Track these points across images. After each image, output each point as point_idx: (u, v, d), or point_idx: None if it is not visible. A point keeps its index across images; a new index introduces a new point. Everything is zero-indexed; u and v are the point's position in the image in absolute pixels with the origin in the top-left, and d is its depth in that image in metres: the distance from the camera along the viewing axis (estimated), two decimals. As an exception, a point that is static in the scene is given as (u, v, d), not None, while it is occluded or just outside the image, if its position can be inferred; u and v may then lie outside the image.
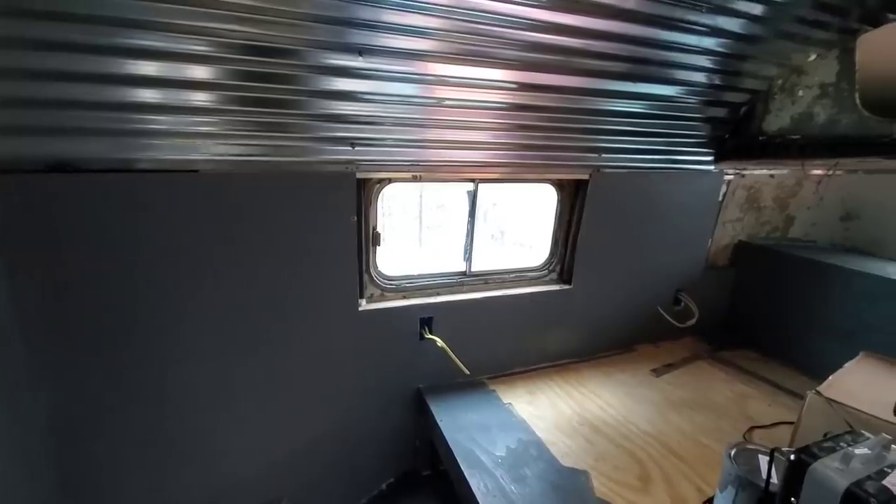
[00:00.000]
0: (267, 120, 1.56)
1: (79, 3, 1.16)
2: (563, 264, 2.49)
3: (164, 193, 1.52)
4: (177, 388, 1.71)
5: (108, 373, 1.59)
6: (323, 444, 2.05)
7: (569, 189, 2.35)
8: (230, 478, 1.90)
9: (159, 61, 1.32)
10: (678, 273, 2.79)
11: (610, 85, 1.97)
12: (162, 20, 1.25)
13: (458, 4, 1.49)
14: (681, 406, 2.18)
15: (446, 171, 1.98)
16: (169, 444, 1.75)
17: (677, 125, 2.30)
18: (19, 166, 1.33)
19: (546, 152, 2.10)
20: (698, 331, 2.87)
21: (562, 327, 2.50)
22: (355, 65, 1.53)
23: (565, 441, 1.90)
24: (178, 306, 1.63)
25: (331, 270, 1.85)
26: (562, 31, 1.68)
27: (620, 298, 2.63)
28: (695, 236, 2.79)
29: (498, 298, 2.28)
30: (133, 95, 1.36)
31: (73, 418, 1.57)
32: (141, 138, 1.44)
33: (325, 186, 1.75)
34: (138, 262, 1.54)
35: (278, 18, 1.35)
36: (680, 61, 1.99)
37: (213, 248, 1.63)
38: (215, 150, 1.54)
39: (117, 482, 1.71)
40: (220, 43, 1.35)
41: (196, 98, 1.44)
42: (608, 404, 2.17)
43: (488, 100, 1.82)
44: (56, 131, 1.34)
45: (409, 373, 2.16)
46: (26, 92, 1.25)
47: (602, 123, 2.11)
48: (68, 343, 1.51)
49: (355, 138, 1.72)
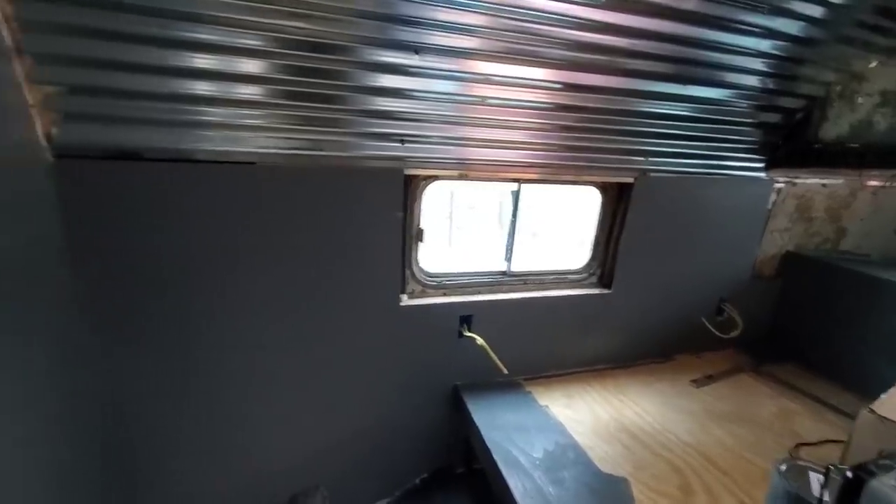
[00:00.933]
0: (319, 115, 1.59)
1: None
2: (603, 268, 2.45)
3: (219, 184, 1.56)
4: (223, 374, 1.76)
5: (159, 357, 1.65)
6: (360, 436, 2.09)
7: (613, 192, 2.32)
8: (270, 464, 1.96)
9: (214, 55, 1.37)
10: (722, 282, 2.71)
11: (658, 87, 1.94)
12: (219, 14, 1.30)
13: (511, 3, 1.50)
14: (722, 419, 2.12)
15: (491, 170, 1.99)
16: (213, 428, 1.81)
17: (727, 130, 2.25)
18: (87, 152, 1.39)
19: (591, 154, 2.08)
20: (741, 343, 2.77)
21: (600, 332, 2.47)
22: (410, 63, 1.56)
23: (603, 447, 1.87)
24: (228, 295, 1.68)
25: (375, 265, 1.88)
26: (611, 30, 1.67)
27: (662, 306, 2.58)
28: (741, 245, 2.71)
29: (537, 299, 2.27)
30: (190, 87, 1.41)
31: (123, 399, 1.64)
32: (197, 129, 1.49)
33: (374, 182, 1.78)
34: (192, 250, 1.59)
35: (333, 15, 1.39)
36: (733, 64, 1.95)
37: (264, 239, 1.68)
38: (268, 143, 1.59)
39: (161, 463, 1.77)
40: (275, 38, 1.40)
41: (249, 92, 1.48)
42: (647, 413, 2.13)
43: (533, 99, 1.82)
44: (121, 120, 1.40)
45: (446, 369, 2.17)
46: (94, 80, 1.31)
47: (649, 126, 2.08)
48: (124, 327, 1.57)
49: (405, 135, 1.74)
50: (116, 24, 1.25)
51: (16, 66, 1.20)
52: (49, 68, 1.25)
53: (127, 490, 1.73)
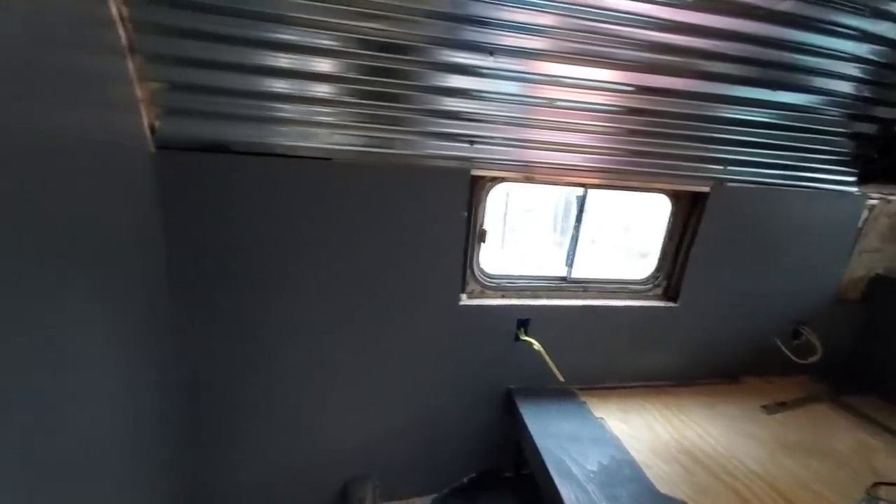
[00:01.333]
0: (390, 114, 1.64)
1: None
2: (670, 280, 2.35)
3: (295, 177, 1.65)
4: (291, 358, 1.85)
5: (234, 337, 1.76)
6: (411, 430, 2.12)
7: (685, 201, 2.22)
8: (327, 448, 2.03)
9: (294, 54, 1.45)
10: (801, 303, 2.52)
11: (741, 91, 1.84)
12: (301, 15, 1.38)
13: (585, 3, 1.48)
14: (794, 449, 1.97)
15: (556, 173, 1.96)
16: (279, 412, 1.91)
17: (816, 139, 2.09)
18: (182, 144, 1.51)
19: (663, 160, 1.99)
20: (818, 370, 2.57)
21: (662, 347, 2.36)
22: (481, 63, 1.58)
23: (661, 466, 1.79)
24: (299, 283, 1.77)
25: (437, 262, 1.91)
26: (691, 31, 1.61)
27: (732, 324, 2.43)
28: (825, 264, 2.50)
29: (597, 308, 2.21)
30: (273, 85, 1.50)
31: (201, 377, 1.77)
32: (276, 125, 1.58)
33: (440, 181, 1.80)
34: (268, 239, 1.69)
35: (407, 16, 1.43)
36: (824, 68, 1.82)
37: (333, 231, 1.75)
38: (341, 140, 1.65)
39: (231, 441, 1.89)
40: (351, 39, 1.46)
41: (323, 90, 1.55)
42: (710, 435, 2.01)
43: (603, 102, 1.78)
44: (213, 115, 1.51)
45: (500, 372, 2.16)
46: (193, 78, 1.43)
47: (729, 133, 1.97)
48: (209, 308, 1.70)
49: (473, 136, 1.76)
50: (215, 25, 1.36)
51: (129, 63, 1.32)
52: (156, 66, 1.37)
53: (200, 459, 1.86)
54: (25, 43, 0.86)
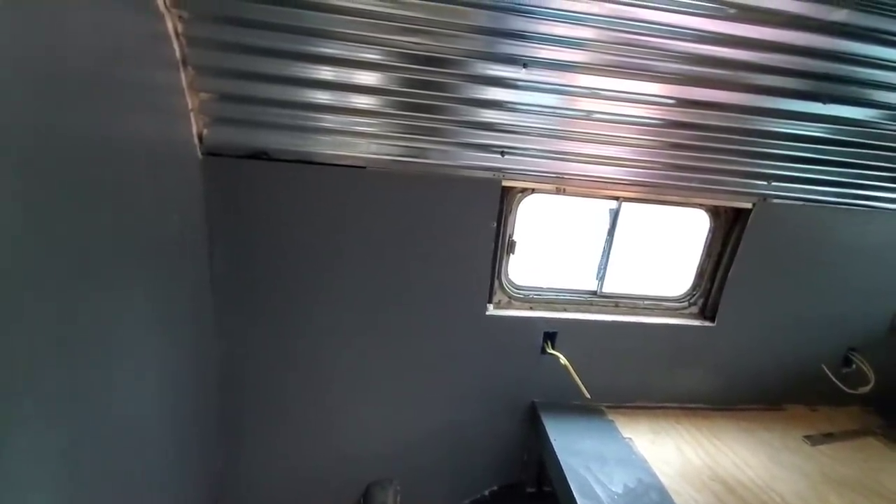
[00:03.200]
0: (425, 125, 1.66)
1: (280, 14, 1.37)
2: (707, 299, 2.26)
3: (332, 185, 1.71)
4: (321, 360, 1.91)
5: (272, 341, 1.84)
6: (435, 438, 2.13)
7: (725, 217, 2.13)
8: (353, 452, 2.07)
9: (335, 67, 1.50)
10: (854, 329, 2.36)
11: (789, 104, 1.76)
12: (343, 30, 1.42)
13: (625, 16, 1.46)
14: (842, 485, 1.85)
15: (590, 185, 1.93)
16: (309, 412, 1.98)
17: (872, 155, 1.96)
18: (227, 152, 1.59)
19: (702, 174, 1.93)
20: (870, 400, 2.40)
21: (697, 368, 2.27)
22: (517, 76, 1.58)
23: (692, 494, 1.72)
24: (331, 288, 1.83)
25: (466, 271, 1.92)
26: (737, 43, 1.56)
27: (774, 347, 2.30)
28: (881, 289, 2.33)
29: (628, 324, 2.15)
30: (314, 96, 1.55)
31: (238, 374, 1.85)
32: (316, 135, 1.63)
33: (472, 191, 1.81)
34: (304, 244, 1.76)
35: (445, 30, 1.45)
36: (881, 80, 1.72)
37: (366, 237, 1.79)
38: (378, 149, 1.69)
39: (262, 437, 1.97)
40: (390, 52, 1.49)
41: (362, 101, 1.59)
42: (747, 464, 1.91)
43: (641, 115, 1.74)
44: (257, 124, 1.58)
45: (525, 385, 2.14)
46: (239, 89, 1.51)
47: (775, 147, 1.88)
48: (245, 309, 1.78)
49: (505, 147, 1.76)
50: (262, 40, 1.42)
51: (182, 75, 1.41)
52: (206, 78, 1.46)
53: (232, 453, 1.94)
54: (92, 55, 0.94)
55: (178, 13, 1.32)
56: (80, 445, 0.89)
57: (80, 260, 0.89)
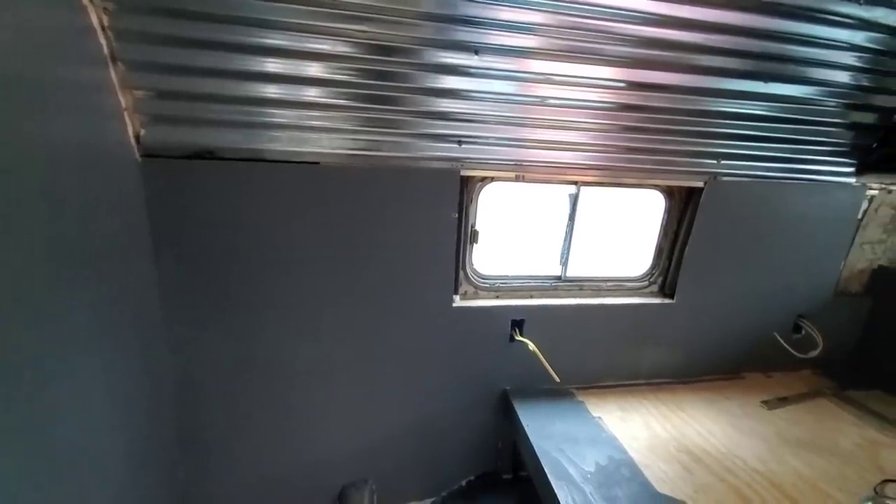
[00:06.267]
0: (379, 116, 1.63)
1: (217, 4, 1.30)
2: (665, 277, 2.33)
3: (285, 182, 1.65)
4: (284, 364, 1.85)
5: (225, 344, 1.76)
6: (409, 434, 2.11)
7: (679, 196, 2.20)
8: (324, 454, 2.02)
9: (283, 59, 1.44)
10: (801, 297, 2.49)
11: (734, 84, 1.81)
12: (288, 20, 1.37)
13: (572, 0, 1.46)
14: (797, 446, 1.94)
15: (548, 171, 1.94)
16: (273, 417, 1.90)
17: (812, 130, 2.06)
18: (169, 152, 1.50)
19: (656, 156, 1.97)
20: (821, 364, 2.54)
21: (660, 344, 2.34)
22: (469, 63, 1.56)
23: (661, 466, 1.77)
24: (290, 288, 1.76)
25: (429, 264, 1.90)
26: (683, 25, 1.59)
27: (730, 319, 2.40)
28: (825, 257, 2.47)
29: (592, 306, 2.19)
30: (260, 90, 1.49)
31: (195, 380, 1.76)
32: (267, 130, 1.57)
33: (430, 182, 1.79)
34: (259, 245, 1.69)
35: (395, 17, 1.42)
36: (820, 58, 1.79)
37: (325, 235, 1.74)
38: (330, 143, 1.64)
39: (226, 446, 1.89)
40: (339, 41, 1.44)
41: (312, 94, 1.54)
42: (710, 433, 1.99)
43: (595, 99, 1.76)
44: (200, 122, 1.50)
45: (496, 373, 2.15)
46: (178, 85, 1.42)
47: (723, 127, 1.94)
48: (197, 315, 1.70)
49: (462, 136, 1.74)
50: (198, 32, 1.34)
51: (112, 72, 1.32)
52: (139, 74, 1.36)
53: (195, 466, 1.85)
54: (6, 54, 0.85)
55: (103, 5, 1.23)
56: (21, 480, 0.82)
57: (4, 279, 0.81)
